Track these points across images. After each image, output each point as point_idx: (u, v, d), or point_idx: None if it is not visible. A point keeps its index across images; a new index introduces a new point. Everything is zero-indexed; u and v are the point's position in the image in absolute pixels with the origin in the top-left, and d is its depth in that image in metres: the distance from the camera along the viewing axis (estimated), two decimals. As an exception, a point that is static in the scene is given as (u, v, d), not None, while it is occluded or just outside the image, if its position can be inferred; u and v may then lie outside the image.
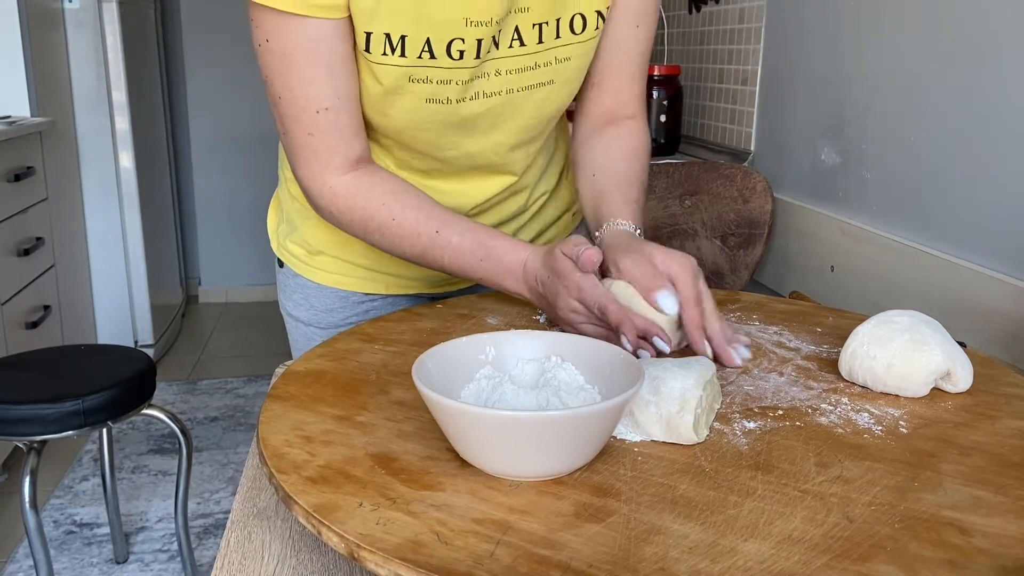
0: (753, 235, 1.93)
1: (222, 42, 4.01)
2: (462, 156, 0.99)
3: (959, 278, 1.35)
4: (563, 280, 0.83)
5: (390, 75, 0.88)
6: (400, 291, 1.11)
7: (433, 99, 0.91)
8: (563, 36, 0.93)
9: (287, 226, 1.13)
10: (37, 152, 2.74)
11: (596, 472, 0.61)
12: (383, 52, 0.87)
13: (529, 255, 0.89)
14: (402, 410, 0.71)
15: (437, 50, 0.87)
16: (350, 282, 1.10)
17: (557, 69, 0.95)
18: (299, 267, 1.12)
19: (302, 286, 1.12)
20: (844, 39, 1.70)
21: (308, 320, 1.13)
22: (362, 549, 0.52)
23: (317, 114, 0.89)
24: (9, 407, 1.65)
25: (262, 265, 4.28)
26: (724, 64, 2.27)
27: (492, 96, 0.93)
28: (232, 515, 0.70)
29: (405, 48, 0.87)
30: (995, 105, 1.31)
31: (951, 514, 0.56)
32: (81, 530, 2.26)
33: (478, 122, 0.95)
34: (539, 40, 0.92)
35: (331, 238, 1.07)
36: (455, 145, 0.97)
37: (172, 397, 3.12)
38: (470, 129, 0.96)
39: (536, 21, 0.91)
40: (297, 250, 1.12)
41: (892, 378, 0.74)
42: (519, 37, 0.91)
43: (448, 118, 0.94)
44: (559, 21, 0.92)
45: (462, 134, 0.96)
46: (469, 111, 0.93)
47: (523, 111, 0.97)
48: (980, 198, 1.34)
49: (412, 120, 0.93)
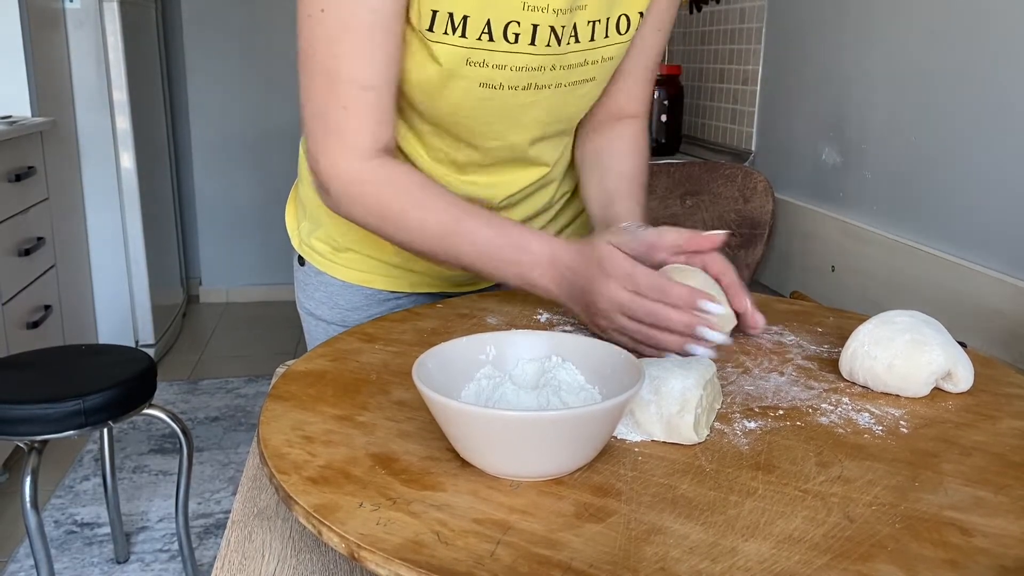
0: (754, 235, 1.93)
1: (223, 41, 4.01)
2: (503, 147, 0.98)
3: (960, 278, 1.35)
4: (610, 270, 0.81)
5: (449, 56, 0.88)
6: (425, 289, 1.11)
7: (487, 84, 0.91)
8: (611, 35, 0.95)
9: (310, 223, 1.12)
10: (38, 152, 2.74)
11: (596, 472, 0.61)
12: (444, 31, 0.86)
13: (559, 246, 0.86)
14: (403, 410, 0.71)
15: (496, 32, 0.87)
16: (377, 280, 1.09)
17: (601, 67, 0.97)
18: (323, 264, 1.11)
19: (326, 284, 1.11)
20: (845, 39, 1.70)
21: (331, 319, 1.12)
22: (363, 549, 0.52)
23: (359, 89, 0.87)
24: (10, 407, 1.65)
25: (263, 265, 4.28)
26: (725, 64, 2.27)
27: (543, 89, 0.94)
28: (233, 515, 0.70)
29: (467, 29, 0.87)
30: (996, 105, 1.31)
31: (952, 514, 0.56)
32: (82, 530, 2.27)
33: (527, 113, 0.95)
34: (591, 38, 0.93)
35: (359, 235, 1.05)
36: (499, 135, 0.97)
37: (173, 397, 3.12)
38: (517, 119, 0.96)
39: (591, 19, 0.92)
40: (322, 247, 1.11)
41: (893, 378, 0.74)
42: (575, 34, 0.92)
43: (498, 105, 0.93)
44: (608, 20, 0.94)
45: (509, 123, 0.96)
46: (519, 101, 0.93)
47: (567, 105, 0.98)
48: (981, 198, 1.34)
49: (462, 105, 0.93)
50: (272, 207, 4.18)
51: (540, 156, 1.02)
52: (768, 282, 2.00)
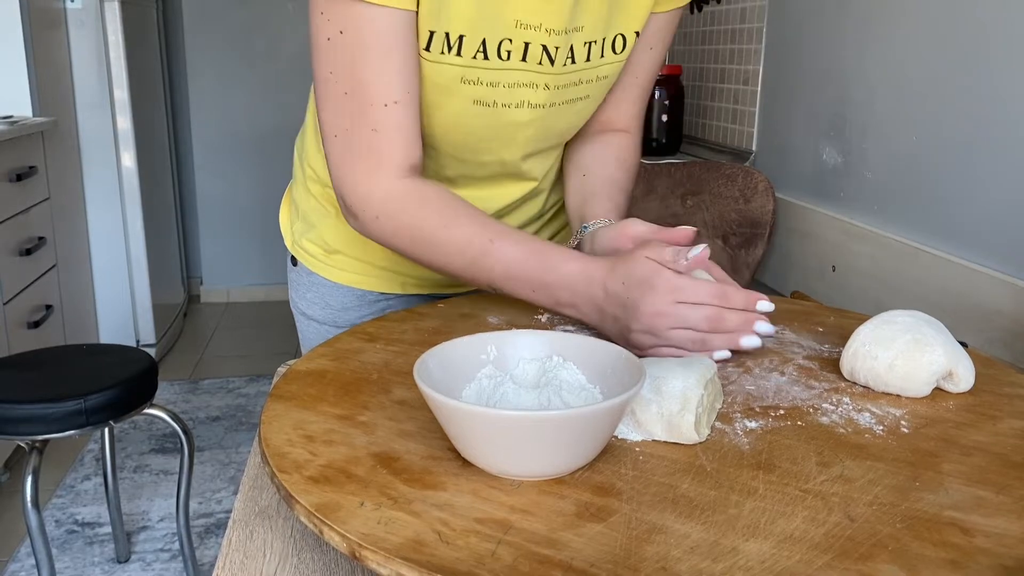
0: (755, 235, 1.93)
1: (224, 41, 4.02)
2: (495, 162, 1.00)
3: (961, 278, 1.35)
4: (653, 284, 0.79)
5: (445, 75, 0.89)
6: (416, 290, 1.12)
7: (480, 101, 0.92)
8: (607, 55, 0.96)
9: (303, 224, 1.13)
10: (39, 152, 2.74)
11: (597, 472, 0.61)
12: (441, 51, 0.87)
13: (593, 265, 0.84)
14: (404, 409, 0.71)
15: (490, 51, 0.89)
16: (367, 281, 1.10)
17: (596, 86, 0.98)
18: (315, 265, 1.12)
19: (317, 284, 1.12)
20: (845, 38, 1.70)
21: (323, 319, 1.13)
22: (364, 548, 0.52)
23: (386, 107, 0.86)
24: (11, 406, 1.65)
25: (264, 264, 4.29)
26: (726, 64, 2.27)
27: (537, 108, 0.95)
28: (234, 514, 0.70)
29: (462, 48, 0.87)
30: (997, 105, 1.31)
31: (953, 514, 0.56)
32: (83, 529, 2.27)
33: (520, 131, 0.97)
34: (587, 58, 0.94)
35: (349, 237, 1.07)
36: (492, 151, 0.98)
37: (174, 397, 3.12)
38: (511, 136, 0.97)
39: (588, 39, 0.93)
40: (314, 248, 1.12)
41: (894, 378, 0.74)
42: (572, 55, 0.93)
43: (492, 123, 0.94)
44: (604, 40, 0.95)
45: (502, 141, 0.97)
46: (512, 118, 0.94)
47: (559, 123, 0.99)
48: (982, 198, 1.34)
49: (457, 123, 0.94)
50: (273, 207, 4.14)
51: (531, 171, 1.04)
52: (769, 282, 2.00)
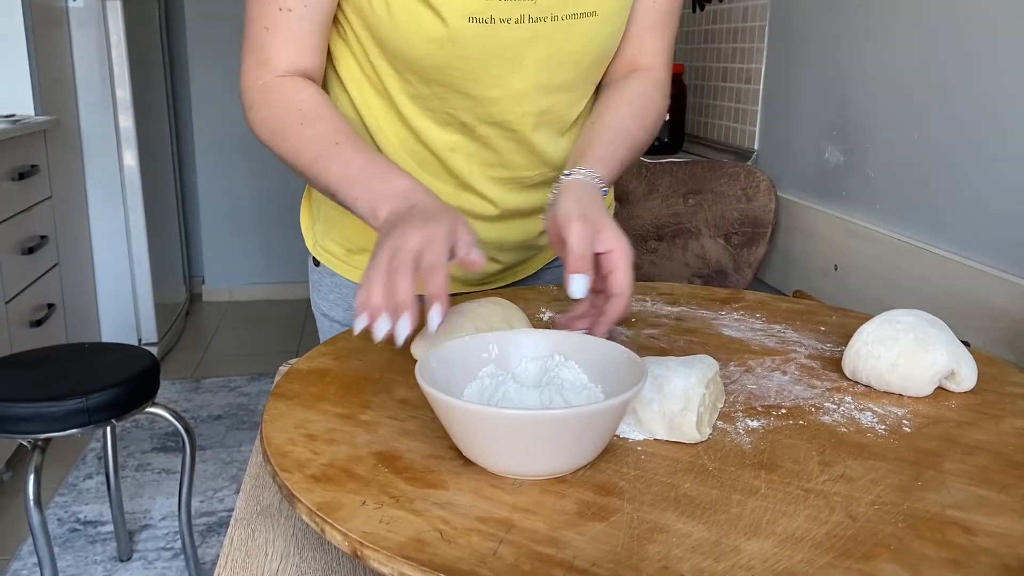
0: (757, 234, 1.93)
1: (226, 40, 4.01)
2: (505, 98, 0.95)
3: (963, 277, 1.35)
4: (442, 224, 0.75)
5: None
6: None
7: (476, 18, 0.88)
8: None
9: (324, 225, 1.11)
10: (41, 150, 2.74)
11: (599, 471, 0.61)
12: None
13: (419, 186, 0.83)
14: (405, 408, 0.71)
15: None
16: None
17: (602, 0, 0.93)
18: (337, 266, 1.11)
19: (340, 285, 1.11)
20: (848, 37, 1.70)
21: (345, 320, 1.11)
22: (365, 547, 0.52)
23: (280, 11, 0.90)
24: (13, 405, 1.65)
25: (266, 263, 4.29)
26: (728, 63, 2.27)
27: (538, 22, 0.91)
28: (236, 513, 0.70)
29: None
30: (999, 104, 1.30)
31: (955, 513, 0.56)
32: (85, 528, 2.27)
33: (525, 51, 0.93)
34: None
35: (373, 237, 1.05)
36: (499, 81, 0.94)
37: (176, 395, 3.12)
38: (516, 58, 0.93)
39: None
40: (336, 249, 1.10)
41: (896, 377, 0.74)
42: None
43: (494, 43, 0.91)
44: None
45: (508, 64, 0.93)
46: (513, 36, 0.91)
47: (568, 43, 0.94)
48: (984, 197, 1.34)
49: (455, 46, 0.90)
50: (275, 205, 4.18)
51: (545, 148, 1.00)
52: (771, 281, 2.00)
